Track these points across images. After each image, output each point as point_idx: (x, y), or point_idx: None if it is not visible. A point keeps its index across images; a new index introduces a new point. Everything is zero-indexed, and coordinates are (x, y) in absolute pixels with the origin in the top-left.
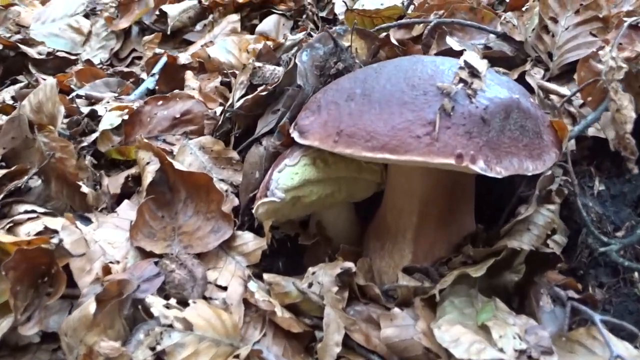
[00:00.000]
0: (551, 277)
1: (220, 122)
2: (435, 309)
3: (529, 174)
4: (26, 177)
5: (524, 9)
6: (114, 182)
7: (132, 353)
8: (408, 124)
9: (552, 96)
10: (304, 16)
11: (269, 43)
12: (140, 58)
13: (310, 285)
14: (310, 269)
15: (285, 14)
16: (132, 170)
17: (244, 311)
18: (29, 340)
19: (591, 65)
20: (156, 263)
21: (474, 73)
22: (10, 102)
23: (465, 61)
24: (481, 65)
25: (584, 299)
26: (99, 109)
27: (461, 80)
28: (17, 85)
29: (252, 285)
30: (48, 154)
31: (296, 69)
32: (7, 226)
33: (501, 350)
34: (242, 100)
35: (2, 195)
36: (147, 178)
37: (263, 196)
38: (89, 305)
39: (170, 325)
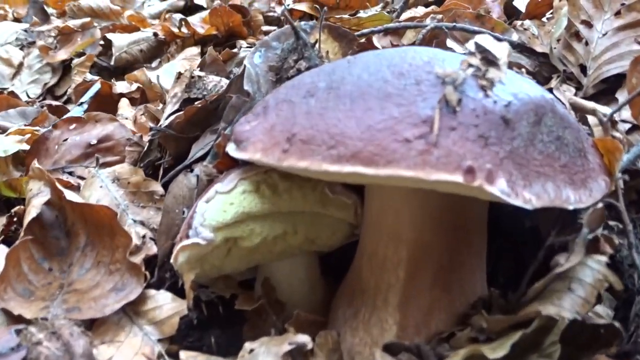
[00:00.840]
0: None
1: (145, 149)
2: None
3: (571, 207)
4: None
5: (544, 18)
6: None
7: None
8: (392, 123)
9: (589, 117)
10: None
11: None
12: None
13: None
14: (247, 345)
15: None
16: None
17: None
18: None
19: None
20: (17, 332)
21: (490, 59)
22: None
23: (477, 44)
24: (500, 50)
25: None
26: None
27: (471, 66)
28: None
29: None
30: None
31: (243, 73)
32: None
33: None
34: (173, 117)
35: None
36: (30, 213)
37: (184, 237)
38: None
39: None
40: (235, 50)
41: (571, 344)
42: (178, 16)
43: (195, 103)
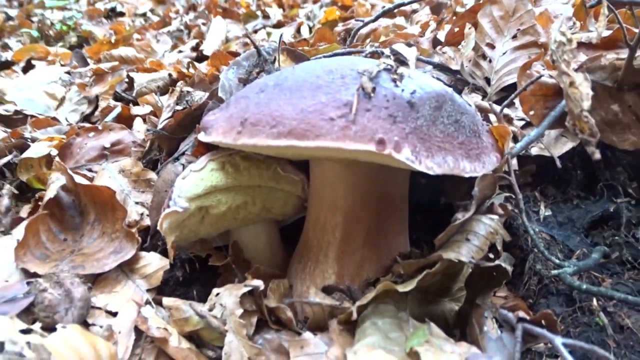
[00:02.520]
0: (497, 300)
1: (147, 149)
2: (354, 333)
3: (466, 175)
4: None
5: (460, 46)
6: (25, 209)
7: None
8: (320, 107)
9: (490, 115)
10: None
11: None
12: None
13: (212, 308)
14: (215, 290)
15: None
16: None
17: (134, 341)
18: None
19: (532, 71)
20: (28, 283)
21: (401, 60)
22: None
23: (391, 48)
24: (410, 53)
25: (539, 320)
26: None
27: (386, 65)
28: None
29: (146, 310)
30: None
31: (219, 85)
32: None
33: None
34: (166, 122)
35: None
36: (49, 194)
37: (166, 207)
38: None
39: (20, 354)
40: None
41: (472, 287)
42: (187, 60)
43: (184, 110)
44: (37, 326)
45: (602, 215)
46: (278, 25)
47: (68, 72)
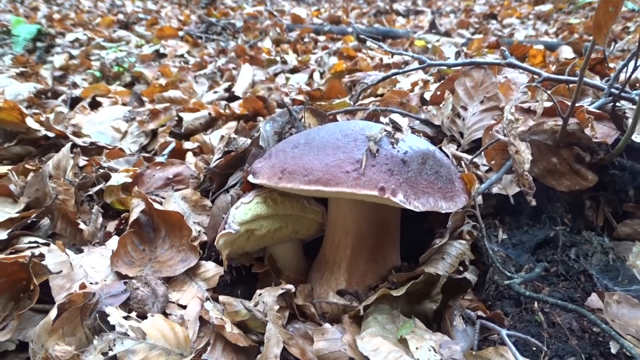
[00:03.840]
0: (463, 302)
1: (201, 181)
2: (361, 325)
3: (443, 211)
4: (33, 215)
5: (441, 105)
6: (111, 225)
7: (85, 357)
8: (339, 162)
9: (463, 162)
10: None
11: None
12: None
13: (256, 304)
14: (258, 291)
15: None
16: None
17: (199, 327)
18: (5, 348)
19: (493, 132)
20: (125, 283)
21: (397, 127)
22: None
23: (390, 118)
24: (403, 122)
25: (492, 317)
26: (112, 174)
27: (386, 132)
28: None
29: (208, 304)
30: (53, 196)
31: (259, 136)
32: (9, 252)
33: None
34: (217, 162)
35: (10, 230)
36: (133, 216)
37: (222, 229)
38: (51, 312)
39: (125, 334)
40: (256, 123)
41: (446, 293)
42: (223, 103)
43: (231, 153)
44: (133, 314)
45: (545, 239)
46: (294, 70)
47: (129, 111)
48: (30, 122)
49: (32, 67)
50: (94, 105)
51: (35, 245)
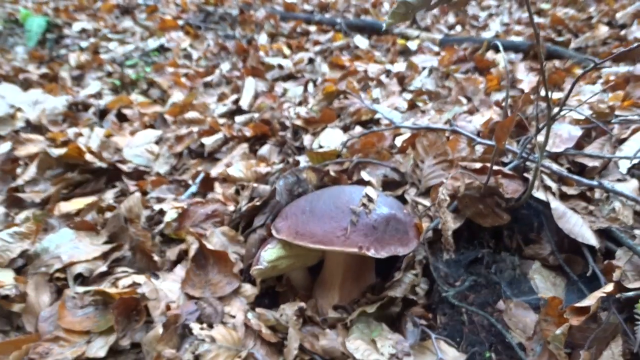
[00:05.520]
0: (415, 310)
1: (233, 218)
2: (348, 330)
3: (401, 254)
4: (123, 252)
5: (407, 151)
6: (172, 252)
7: (182, 356)
8: (333, 229)
9: (419, 206)
10: (285, 145)
11: (263, 171)
12: (188, 169)
13: (281, 315)
14: (281, 306)
15: (275, 144)
16: (183, 246)
17: (244, 330)
18: (123, 347)
19: (438, 191)
20: (196, 303)
21: (370, 199)
22: (112, 202)
23: (366, 193)
24: (374, 195)
25: (430, 325)
26: (164, 206)
27: (363, 204)
28: (115, 190)
29: (250, 315)
30: (135, 238)
31: (275, 190)
32: (112, 281)
33: (382, 354)
34: (245, 207)
35: (109, 261)
36: (191, 253)
37: (255, 265)
38: (159, 329)
39: (203, 340)
40: (265, 142)
41: (404, 304)
42: (237, 126)
43: (255, 200)
44: (204, 325)
45: (475, 258)
46: (290, 76)
47: (160, 137)
48: (88, 157)
49: (49, 65)
50: (120, 117)
51: (126, 274)
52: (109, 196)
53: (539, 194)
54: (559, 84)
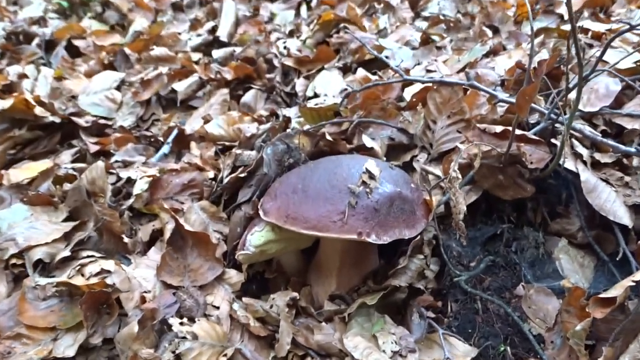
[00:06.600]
0: (422, 299)
1: (214, 190)
2: (347, 325)
3: (406, 238)
4: (87, 232)
5: (418, 108)
6: (144, 231)
7: (160, 355)
8: (328, 213)
9: (430, 176)
10: (274, 92)
11: (247, 131)
12: (158, 120)
13: (271, 306)
14: (271, 296)
15: (261, 88)
16: (156, 224)
17: (230, 323)
18: (95, 345)
19: (450, 163)
20: (174, 294)
21: (371, 176)
22: (70, 169)
23: (366, 168)
24: (376, 170)
25: (439, 315)
26: (132, 174)
27: (363, 182)
28: (73, 150)
29: (235, 305)
30: (101, 218)
31: (262, 160)
32: (77, 268)
33: (383, 352)
34: (228, 178)
35: (72, 244)
36: (167, 234)
37: (241, 249)
38: (134, 326)
39: (184, 337)
40: (248, 87)
41: (409, 296)
42: (215, 66)
43: (239, 170)
44: (185, 320)
45: (494, 234)
46: None
47: (123, 80)
48: (38, 111)
49: None
50: (71, 51)
51: (93, 259)
52: (65, 158)
53: (568, 163)
54: (606, 3)
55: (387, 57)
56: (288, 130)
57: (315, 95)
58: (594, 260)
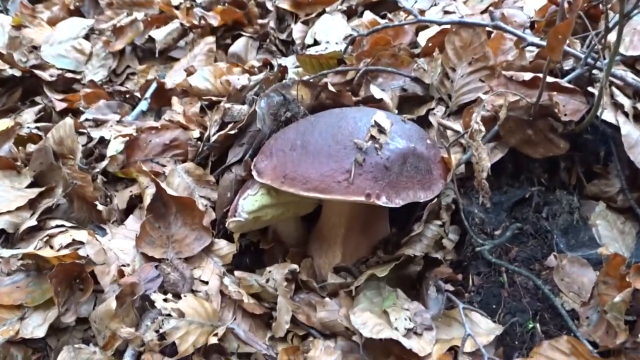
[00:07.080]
0: (440, 271)
1: (200, 150)
2: (354, 299)
3: (422, 201)
4: (55, 199)
5: (434, 54)
6: (121, 198)
7: (142, 335)
8: (332, 172)
9: (448, 131)
10: (268, 40)
11: (237, 82)
12: (133, 74)
13: (267, 280)
14: (268, 268)
15: (253, 36)
16: (134, 189)
17: (220, 299)
18: (67, 324)
19: (471, 115)
20: (156, 267)
21: (381, 130)
22: (33, 128)
23: (375, 121)
24: (387, 123)
25: (458, 289)
26: (106, 134)
27: (372, 136)
28: (36, 108)
29: (226, 280)
30: (71, 182)
31: (255, 114)
32: (45, 239)
33: (396, 329)
34: (216, 136)
35: (39, 212)
36: (147, 200)
37: (232, 216)
38: (111, 303)
39: (169, 314)
40: (236, 34)
41: (424, 267)
42: (199, 11)
43: (229, 126)
44: (169, 296)
45: (522, 198)
46: None
47: (92, 28)
48: None
49: None
50: None
51: (63, 229)
52: (28, 117)
53: (607, 115)
54: None
55: None
56: (284, 81)
57: (316, 43)
58: (636, 226)
